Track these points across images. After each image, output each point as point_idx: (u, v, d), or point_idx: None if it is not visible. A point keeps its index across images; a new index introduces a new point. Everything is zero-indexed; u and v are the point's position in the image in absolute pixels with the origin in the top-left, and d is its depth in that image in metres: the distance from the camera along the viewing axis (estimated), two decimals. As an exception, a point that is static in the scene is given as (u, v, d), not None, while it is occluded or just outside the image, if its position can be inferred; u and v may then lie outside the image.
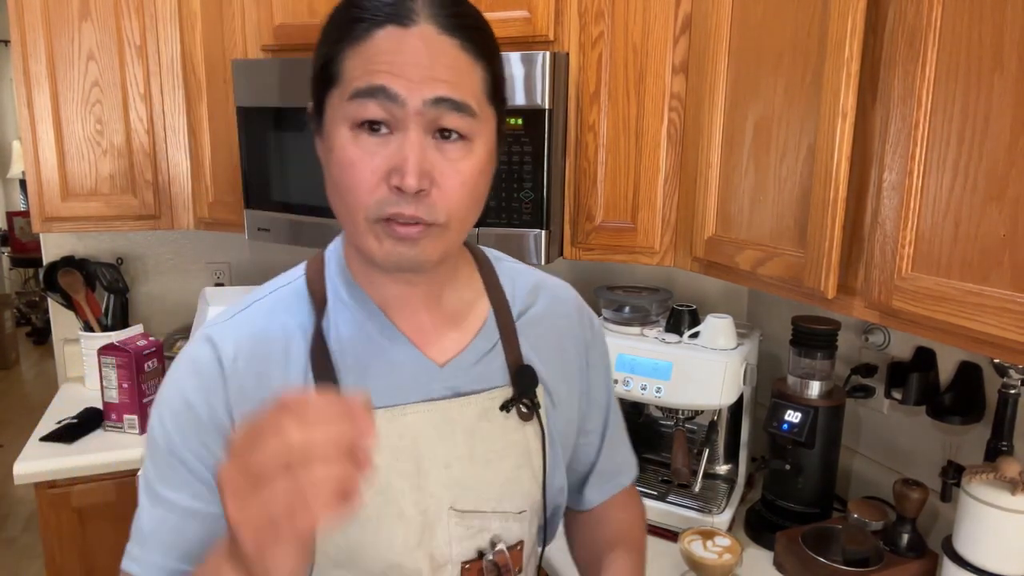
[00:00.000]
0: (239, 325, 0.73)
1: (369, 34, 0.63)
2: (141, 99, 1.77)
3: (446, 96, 0.63)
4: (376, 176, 0.63)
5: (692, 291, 1.87)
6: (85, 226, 1.81)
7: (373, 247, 0.66)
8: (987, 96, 0.80)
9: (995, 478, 1.06)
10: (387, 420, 0.72)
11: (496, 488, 0.77)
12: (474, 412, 0.75)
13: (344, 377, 0.72)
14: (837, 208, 1.00)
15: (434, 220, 0.64)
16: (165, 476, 0.70)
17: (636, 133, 1.42)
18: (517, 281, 0.84)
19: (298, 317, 0.73)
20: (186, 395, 0.70)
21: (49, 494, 1.62)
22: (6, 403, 4.70)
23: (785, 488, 1.36)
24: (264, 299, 0.76)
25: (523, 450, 0.78)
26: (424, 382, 0.74)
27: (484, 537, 0.77)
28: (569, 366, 0.85)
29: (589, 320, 0.89)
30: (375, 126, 0.63)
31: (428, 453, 0.73)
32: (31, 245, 5.82)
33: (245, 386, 0.70)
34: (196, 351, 0.72)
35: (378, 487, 0.71)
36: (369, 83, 0.62)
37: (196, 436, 0.69)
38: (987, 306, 0.80)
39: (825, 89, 1.00)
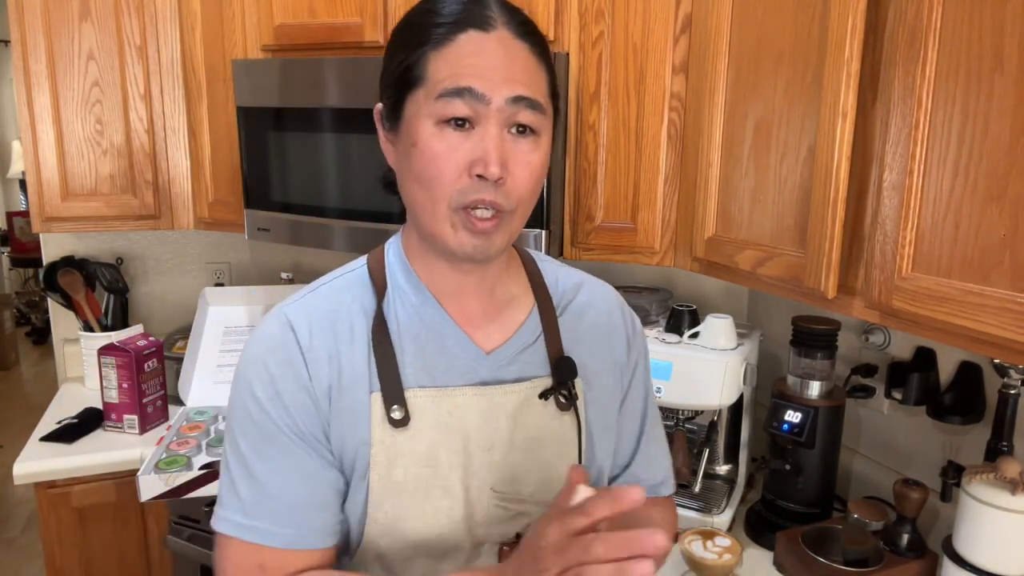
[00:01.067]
0: (311, 304, 0.80)
1: (452, 38, 0.70)
2: (141, 99, 1.77)
3: (524, 95, 0.70)
4: (460, 167, 0.70)
5: (692, 291, 1.87)
6: (85, 226, 1.81)
7: (448, 235, 0.72)
8: (987, 96, 0.80)
9: (995, 478, 1.06)
10: (438, 398, 0.77)
11: (535, 475, 0.80)
12: (516, 400, 0.80)
13: (401, 355, 0.78)
14: (837, 208, 1.00)
15: (508, 206, 0.71)
16: (260, 445, 0.75)
17: (636, 133, 1.42)
18: (560, 278, 0.89)
19: (361, 300, 0.80)
20: (271, 369, 0.76)
21: (49, 494, 1.62)
22: (6, 403, 4.70)
23: (785, 488, 1.36)
24: (331, 283, 0.82)
25: (560, 439, 0.82)
26: (472, 367, 0.79)
27: (522, 522, 0.80)
28: (610, 361, 0.88)
29: (632, 319, 0.93)
30: (459, 122, 0.69)
31: (473, 434, 0.78)
32: (31, 245, 5.82)
33: (319, 358, 0.76)
34: (273, 328, 0.78)
35: (427, 460, 0.77)
36: (457, 84, 0.69)
37: (283, 405, 0.75)
38: (987, 306, 0.80)
39: (825, 89, 1.00)
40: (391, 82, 0.74)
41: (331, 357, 0.77)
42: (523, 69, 0.71)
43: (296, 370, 0.76)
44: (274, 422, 0.75)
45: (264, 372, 0.76)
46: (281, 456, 0.75)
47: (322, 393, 0.76)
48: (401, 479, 0.76)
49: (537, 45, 0.74)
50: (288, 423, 0.75)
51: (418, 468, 0.77)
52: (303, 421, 0.76)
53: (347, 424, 0.76)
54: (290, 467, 0.75)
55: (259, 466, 0.76)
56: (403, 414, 0.76)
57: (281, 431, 0.75)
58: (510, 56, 0.71)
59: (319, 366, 0.76)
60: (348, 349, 0.78)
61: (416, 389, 0.77)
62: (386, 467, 0.76)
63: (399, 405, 0.76)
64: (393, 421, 0.76)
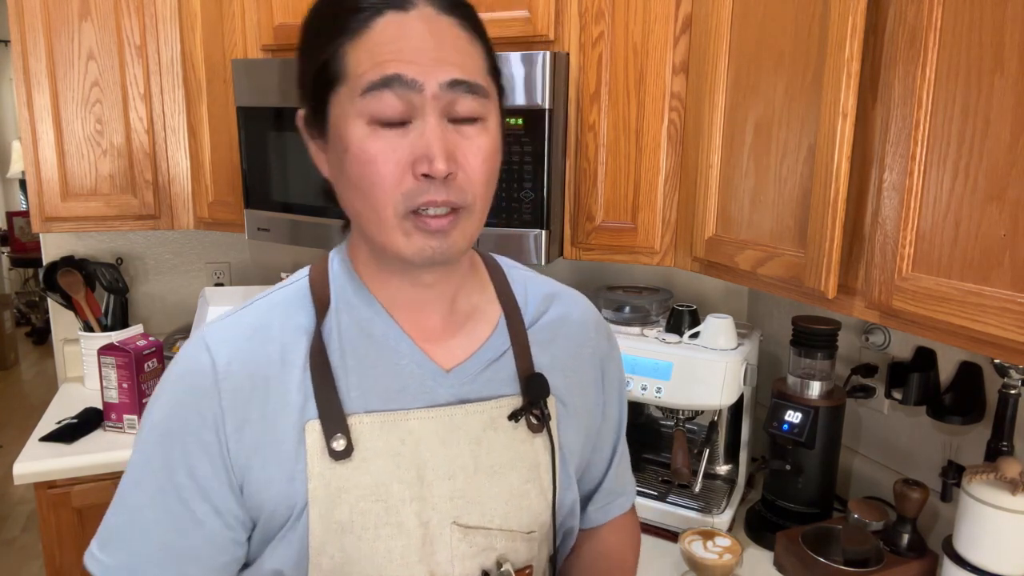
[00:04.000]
0: (235, 326, 0.72)
1: (368, 24, 0.62)
2: (141, 99, 1.77)
3: (460, 78, 0.63)
4: (401, 168, 0.63)
5: (692, 291, 1.87)
6: (85, 226, 1.81)
7: (401, 244, 0.65)
8: (987, 96, 0.80)
9: (995, 478, 1.06)
10: (388, 424, 0.69)
11: (502, 503, 0.73)
12: (480, 421, 0.72)
13: (344, 379, 0.70)
14: (837, 208, 1.00)
15: (463, 202, 0.64)
16: (141, 475, 0.69)
17: (636, 133, 1.42)
18: (530, 288, 0.82)
19: (298, 318, 0.71)
20: (177, 397, 0.69)
21: (49, 494, 1.62)
22: (6, 403, 4.69)
23: (785, 488, 1.36)
24: (264, 299, 0.74)
25: (531, 464, 0.75)
26: (429, 387, 0.72)
27: (489, 556, 0.73)
28: (585, 377, 0.82)
29: (607, 332, 0.87)
30: (392, 119, 0.62)
31: (431, 462, 0.70)
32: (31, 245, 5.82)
33: (238, 386, 0.68)
34: (189, 355, 0.70)
35: (375, 494, 0.68)
36: (382, 74, 0.61)
37: (183, 443, 0.67)
38: (987, 306, 0.80)
39: (825, 89, 1.00)
40: (309, 84, 0.67)
41: (255, 385, 0.68)
42: (454, 48, 0.63)
43: (205, 402, 0.67)
44: (162, 457, 0.68)
45: (169, 400, 0.69)
46: (158, 494, 0.68)
47: (235, 428, 0.67)
48: (346, 517, 0.67)
49: (467, 18, 0.66)
50: (179, 461, 0.67)
51: (366, 504, 0.68)
52: (198, 463, 0.67)
53: (273, 460, 0.68)
54: (164, 509, 0.68)
55: (132, 499, 0.69)
56: (345, 444, 0.67)
57: (167, 467, 0.67)
58: (437, 35, 0.63)
59: (237, 396, 0.67)
60: (278, 374, 0.69)
61: (361, 415, 0.69)
62: (327, 505, 0.67)
63: (340, 433, 0.67)
64: (333, 452, 0.67)
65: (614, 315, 1.52)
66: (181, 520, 0.68)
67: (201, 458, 0.67)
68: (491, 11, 1.45)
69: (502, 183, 1.44)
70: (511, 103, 1.40)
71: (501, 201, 1.44)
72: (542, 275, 0.86)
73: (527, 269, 0.85)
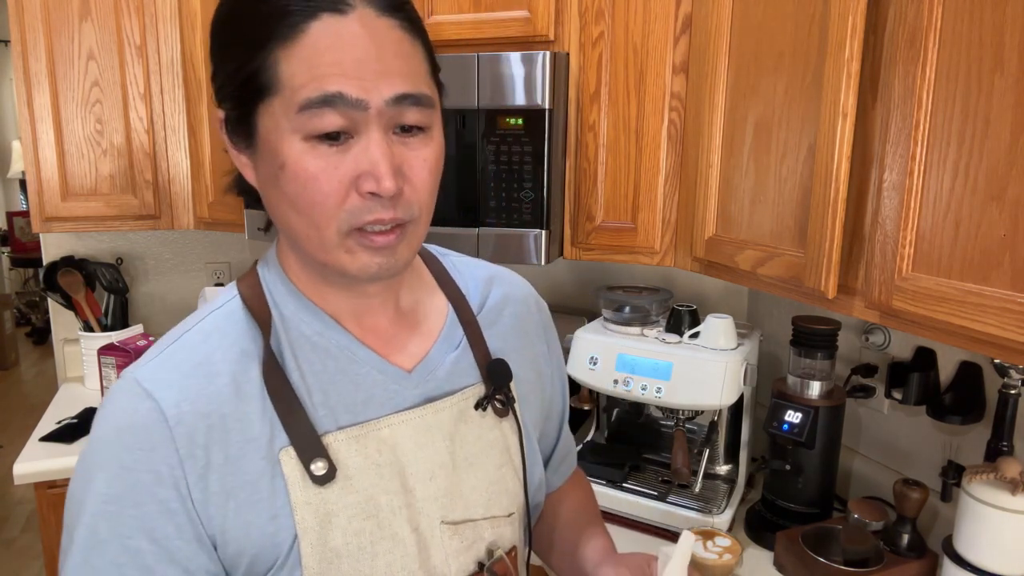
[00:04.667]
0: (171, 364, 0.64)
1: (302, 29, 0.56)
2: (141, 99, 1.77)
3: (406, 92, 0.59)
4: (343, 186, 0.58)
5: (692, 291, 1.87)
6: (85, 226, 1.81)
7: (345, 262, 0.62)
8: (987, 96, 0.80)
9: (995, 478, 1.06)
10: (362, 437, 0.66)
11: (483, 492, 0.73)
12: (450, 416, 0.72)
13: (308, 398, 0.65)
14: (837, 208, 1.00)
15: (410, 217, 0.62)
16: (93, 556, 0.60)
17: (636, 133, 1.42)
18: (468, 274, 0.81)
19: (240, 344, 0.65)
20: (122, 458, 0.60)
21: (49, 494, 1.62)
22: (6, 403, 4.69)
23: (785, 488, 1.36)
24: (194, 330, 0.66)
25: (502, 448, 0.76)
26: (394, 392, 0.69)
27: (480, 547, 0.73)
28: (534, 352, 0.84)
29: (539, 303, 0.89)
30: (334, 136, 0.58)
31: (410, 467, 0.68)
32: (31, 245, 5.82)
33: (195, 432, 0.61)
34: (123, 407, 0.62)
35: (366, 511, 0.66)
36: (323, 91, 0.56)
37: (136, 509, 0.60)
38: (987, 306, 0.80)
39: (825, 89, 1.00)
40: (232, 91, 0.61)
41: (211, 425, 0.61)
42: (396, 55, 0.58)
43: (157, 456, 0.60)
44: (111, 529, 0.60)
45: (109, 464, 0.60)
46: (113, 568, 0.60)
47: (198, 477, 0.61)
48: (340, 542, 0.64)
49: (407, 19, 0.61)
50: (134, 527, 0.60)
51: (359, 523, 0.65)
52: (158, 525, 0.60)
53: (248, 502, 0.62)
54: None
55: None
56: (326, 466, 0.63)
57: (119, 538, 0.60)
58: (378, 42, 0.58)
59: (193, 441, 0.61)
60: (235, 409, 0.63)
61: (335, 432, 0.65)
62: (319, 532, 0.63)
63: (319, 456, 0.63)
64: (316, 478, 0.63)
65: (614, 315, 1.52)
66: None
67: (160, 519, 0.60)
68: (491, 11, 1.45)
69: (502, 183, 1.44)
70: (511, 103, 1.40)
71: (501, 201, 1.44)
72: (473, 257, 0.85)
73: (459, 254, 0.84)
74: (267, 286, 0.69)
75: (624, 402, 1.61)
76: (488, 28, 1.46)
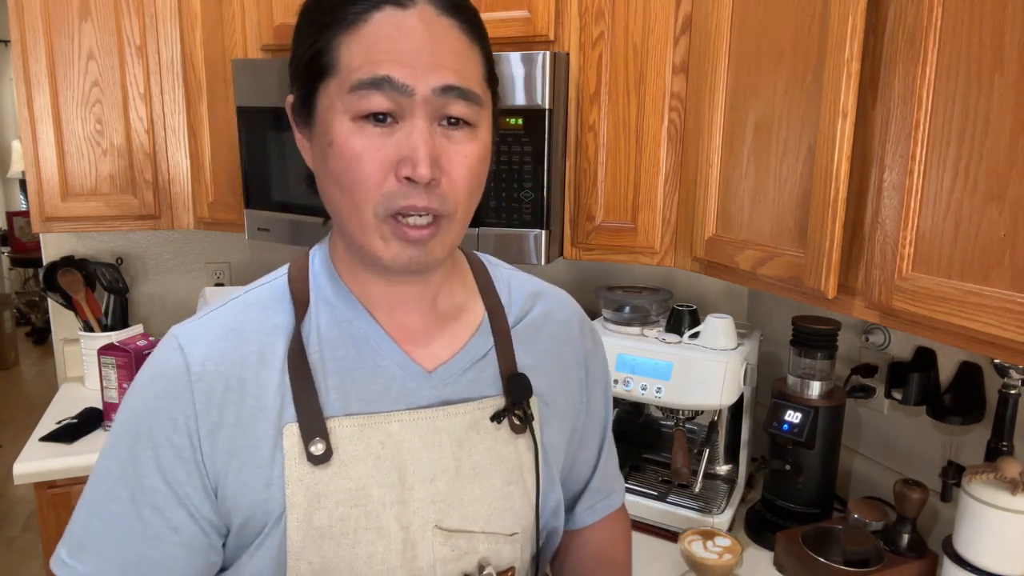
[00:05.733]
0: (210, 326, 0.69)
1: (365, 18, 0.61)
2: (141, 99, 1.77)
3: (454, 84, 0.61)
4: (384, 168, 0.61)
5: (692, 291, 1.87)
6: (85, 226, 1.81)
7: (379, 248, 0.64)
8: (987, 96, 0.80)
9: (995, 478, 1.06)
10: (368, 427, 0.68)
11: (485, 506, 0.72)
12: (462, 423, 0.71)
13: (323, 381, 0.68)
14: (837, 208, 1.00)
15: (445, 210, 0.63)
16: (111, 481, 0.67)
17: (636, 133, 1.42)
18: (514, 286, 0.81)
19: (276, 318, 0.69)
20: (147, 402, 0.66)
21: (49, 494, 1.62)
22: (6, 403, 4.69)
23: (785, 488, 1.36)
24: (240, 298, 0.72)
25: (514, 465, 0.74)
26: (411, 389, 0.70)
27: (471, 560, 0.72)
28: (568, 376, 0.82)
29: (591, 330, 0.87)
30: (380, 117, 0.61)
31: (412, 465, 0.69)
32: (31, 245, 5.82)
33: (212, 388, 0.66)
34: (161, 357, 0.68)
35: (355, 499, 0.67)
36: (373, 74, 0.60)
37: (154, 448, 0.65)
38: (987, 306, 0.80)
39: (825, 89, 1.00)
40: (299, 70, 0.65)
41: (229, 387, 0.66)
42: (451, 52, 0.62)
43: (178, 405, 0.65)
44: (134, 462, 0.66)
45: (140, 403, 0.67)
46: (130, 501, 0.66)
47: (209, 431, 0.65)
48: (325, 523, 0.66)
49: (467, 22, 0.64)
50: (151, 466, 0.65)
51: (345, 508, 0.66)
52: (171, 467, 0.65)
53: (249, 465, 0.66)
54: (137, 516, 0.66)
55: (103, 504, 0.67)
56: (324, 448, 0.66)
57: (138, 473, 0.65)
58: (434, 36, 0.61)
59: (210, 398, 0.65)
60: (255, 376, 0.67)
61: (341, 418, 0.67)
62: (305, 510, 0.65)
63: (320, 438, 0.66)
64: (312, 457, 0.65)
65: (614, 315, 1.52)
66: (156, 527, 0.66)
67: (174, 462, 0.65)
68: (491, 11, 1.45)
69: (502, 183, 1.44)
70: (511, 103, 1.40)
71: (501, 201, 1.44)
72: (526, 273, 0.84)
73: (511, 267, 0.84)
74: (313, 269, 0.73)
75: (624, 402, 1.61)
76: (488, 28, 1.46)
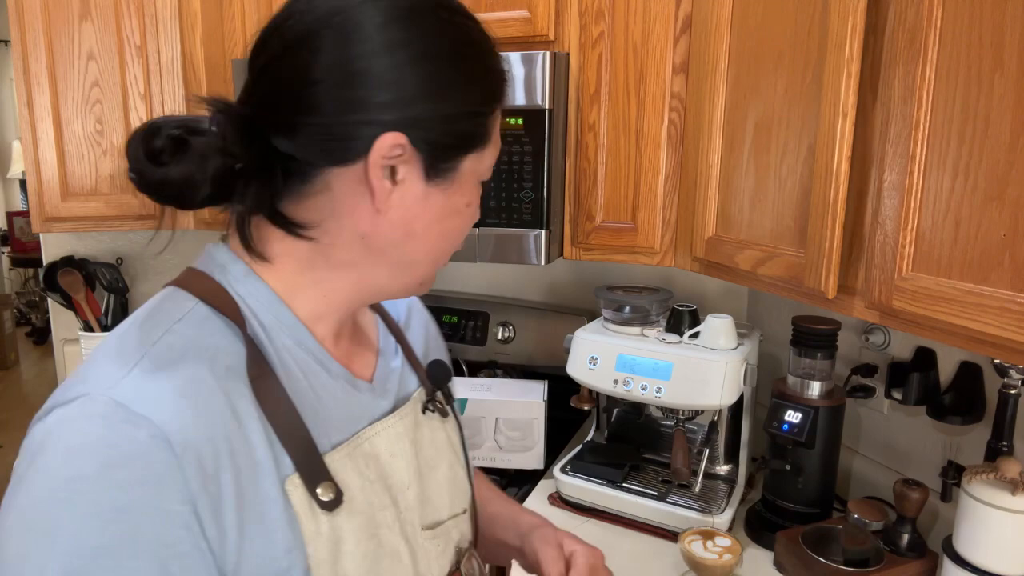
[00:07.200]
0: (155, 383, 0.53)
1: (505, 93, 0.66)
2: (141, 99, 1.77)
3: None
4: None
5: (692, 291, 1.87)
6: (85, 226, 1.81)
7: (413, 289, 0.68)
8: (987, 96, 0.80)
9: (995, 478, 1.06)
10: (354, 453, 0.64)
11: (445, 493, 0.75)
12: (410, 422, 0.72)
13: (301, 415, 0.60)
14: (837, 208, 1.00)
15: None
16: None
17: (636, 133, 1.42)
18: None
19: (221, 358, 0.57)
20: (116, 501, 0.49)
21: (49, 494, 1.62)
22: (6, 403, 4.69)
23: (785, 488, 1.36)
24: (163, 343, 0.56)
25: (450, 447, 0.78)
26: (367, 403, 0.68)
27: (451, 548, 0.74)
28: (439, 350, 0.88)
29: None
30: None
31: (392, 478, 0.68)
32: (31, 245, 5.83)
33: (204, 459, 0.52)
34: (111, 433, 0.50)
35: (368, 532, 0.63)
36: (497, 152, 0.66)
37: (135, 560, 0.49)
38: (987, 306, 0.80)
39: (825, 89, 1.00)
40: (458, 129, 0.61)
41: (218, 451, 0.53)
42: None
43: (166, 492, 0.50)
44: None
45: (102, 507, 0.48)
46: None
47: (212, 512, 0.53)
48: (351, 568, 0.60)
49: None
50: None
51: (364, 546, 0.62)
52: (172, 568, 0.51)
53: (262, 536, 0.55)
54: None
55: None
56: (333, 491, 0.59)
57: None
58: None
59: (203, 471, 0.52)
60: (236, 431, 0.55)
61: (331, 452, 0.61)
62: (331, 564, 0.59)
63: (324, 480, 0.59)
64: (323, 504, 0.58)
65: (614, 315, 1.52)
66: None
67: (168, 567, 0.51)
68: (491, 11, 1.45)
69: (502, 183, 1.44)
70: (511, 103, 1.40)
71: (501, 201, 1.44)
72: None
73: None
74: (242, 296, 0.62)
75: (624, 402, 1.61)
76: (488, 28, 1.46)
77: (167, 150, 0.56)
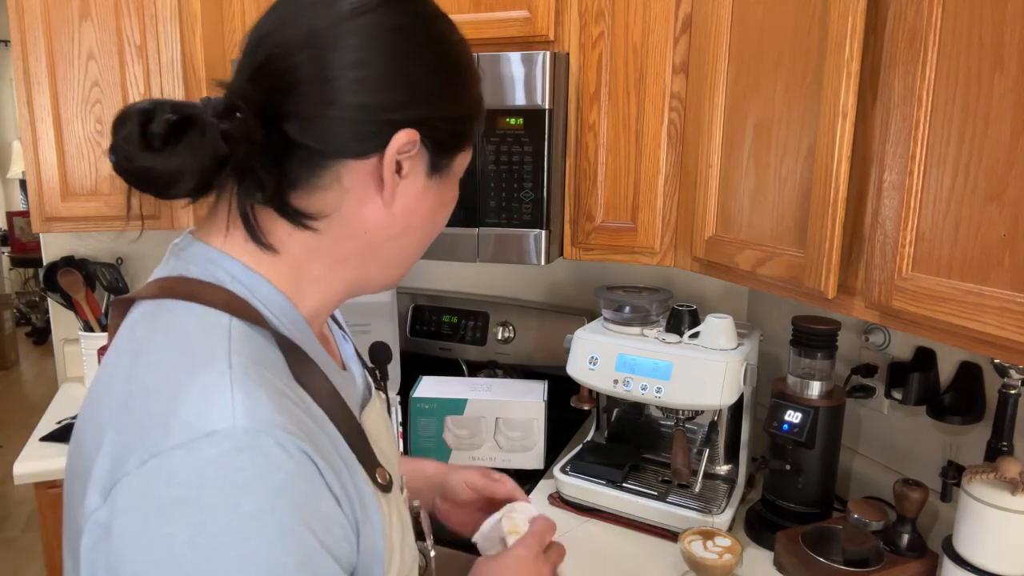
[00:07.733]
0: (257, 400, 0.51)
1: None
2: (141, 99, 1.77)
3: None
4: None
5: (692, 291, 1.87)
6: (85, 226, 1.81)
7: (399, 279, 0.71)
8: (987, 96, 0.80)
9: (995, 478, 1.06)
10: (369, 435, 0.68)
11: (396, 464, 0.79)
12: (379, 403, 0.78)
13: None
14: (837, 208, 1.00)
15: None
16: None
17: (636, 133, 1.42)
18: None
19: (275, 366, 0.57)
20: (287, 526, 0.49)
21: (49, 494, 1.62)
22: (6, 403, 4.70)
23: (785, 488, 1.36)
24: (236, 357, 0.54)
25: (388, 421, 0.82)
26: (354, 388, 0.72)
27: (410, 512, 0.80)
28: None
29: None
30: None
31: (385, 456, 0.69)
32: (31, 245, 5.83)
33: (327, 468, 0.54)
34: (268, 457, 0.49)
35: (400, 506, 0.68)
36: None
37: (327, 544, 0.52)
38: (987, 306, 0.80)
39: (825, 89, 1.00)
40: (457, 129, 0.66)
41: (327, 457, 0.55)
42: None
43: (324, 507, 0.53)
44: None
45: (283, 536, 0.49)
46: None
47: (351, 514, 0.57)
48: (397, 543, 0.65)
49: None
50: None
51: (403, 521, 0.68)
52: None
53: (367, 529, 0.58)
54: None
55: None
56: (387, 475, 0.64)
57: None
58: None
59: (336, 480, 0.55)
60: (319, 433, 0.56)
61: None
62: (396, 542, 0.64)
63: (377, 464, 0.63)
64: (382, 487, 0.63)
65: (614, 315, 1.52)
66: None
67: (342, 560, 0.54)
68: (491, 11, 1.45)
69: (502, 183, 1.44)
70: (511, 103, 1.40)
71: (501, 201, 1.44)
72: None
73: None
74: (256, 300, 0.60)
75: (624, 402, 1.61)
76: (488, 28, 1.46)
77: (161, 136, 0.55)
